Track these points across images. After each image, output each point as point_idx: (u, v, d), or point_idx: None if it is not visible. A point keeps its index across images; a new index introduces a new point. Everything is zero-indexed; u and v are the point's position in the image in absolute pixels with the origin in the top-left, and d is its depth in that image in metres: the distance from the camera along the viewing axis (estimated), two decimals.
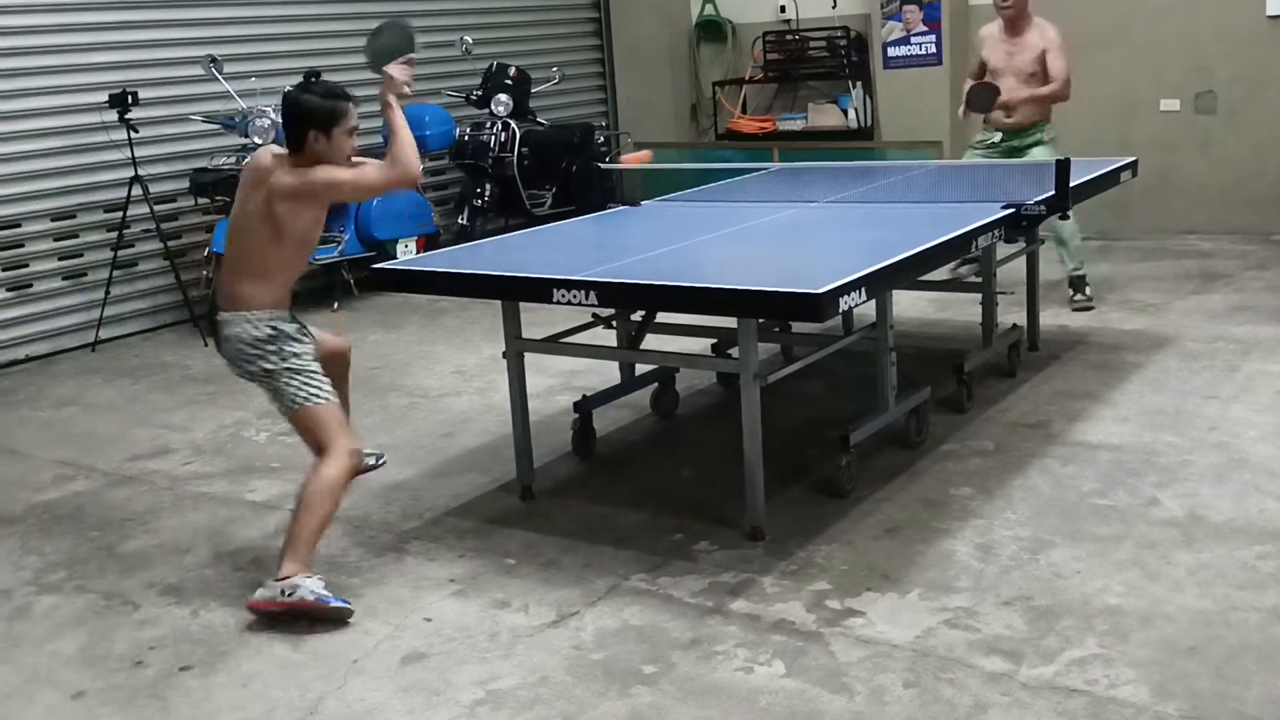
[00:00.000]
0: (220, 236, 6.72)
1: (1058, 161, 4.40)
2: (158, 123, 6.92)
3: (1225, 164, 7.57)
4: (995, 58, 6.03)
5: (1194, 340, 5.38)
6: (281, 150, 3.56)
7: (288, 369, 3.46)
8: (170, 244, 6.84)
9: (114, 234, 6.67)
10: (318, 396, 3.45)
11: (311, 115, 3.45)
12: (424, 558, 3.64)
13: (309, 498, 3.35)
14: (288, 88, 3.73)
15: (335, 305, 7.24)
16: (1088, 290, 6.12)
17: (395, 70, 3.65)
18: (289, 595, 3.24)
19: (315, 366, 3.50)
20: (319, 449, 3.43)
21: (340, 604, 3.27)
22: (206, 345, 6.52)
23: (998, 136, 6.10)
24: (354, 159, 3.58)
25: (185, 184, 6.95)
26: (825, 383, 4.89)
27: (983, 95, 5.86)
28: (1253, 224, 7.44)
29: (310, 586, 3.25)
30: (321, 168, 3.44)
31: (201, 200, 6.99)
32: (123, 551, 3.89)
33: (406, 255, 7.28)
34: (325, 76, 7.52)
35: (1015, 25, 5.99)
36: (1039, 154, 5.94)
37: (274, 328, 3.46)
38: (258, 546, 3.85)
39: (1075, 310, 6.04)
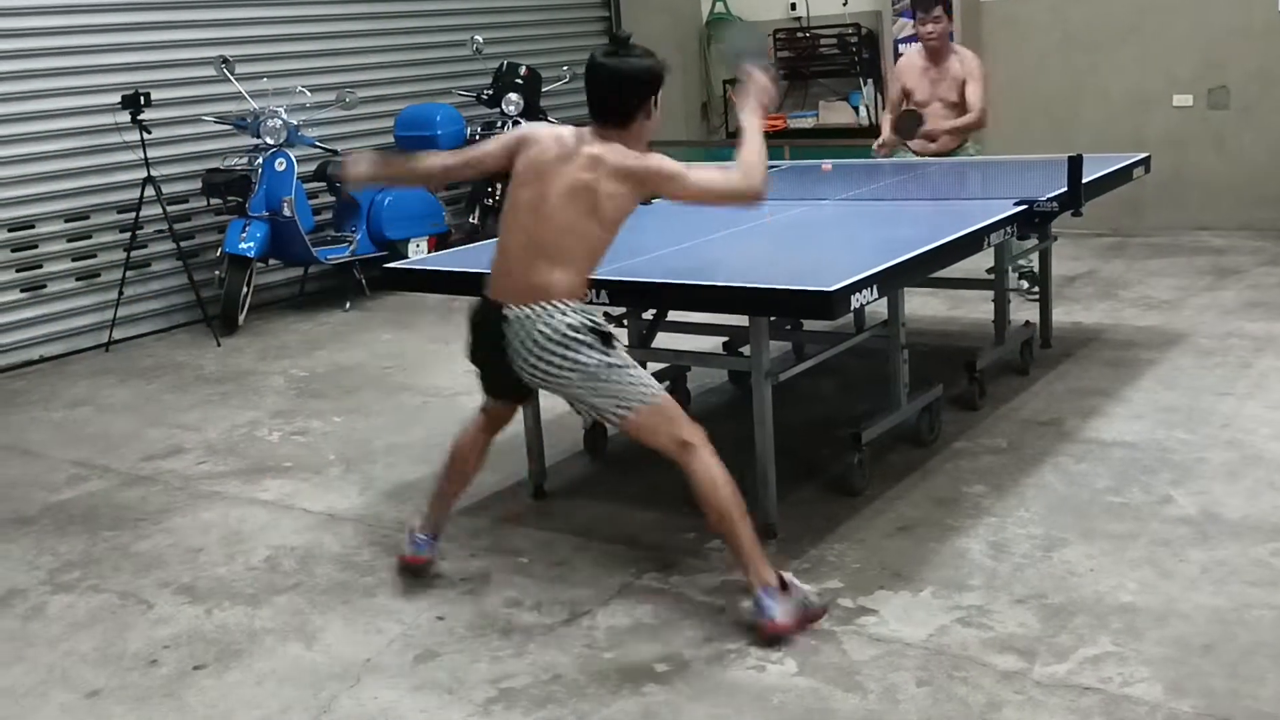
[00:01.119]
0: (233, 236, 6.75)
1: (1070, 158, 4.38)
2: (170, 123, 6.95)
3: (1239, 160, 7.53)
4: (920, 88, 6.01)
5: (1207, 337, 5.36)
6: (564, 129, 3.14)
7: (611, 364, 3.04)
8: (183, 244, 6.87)
9: (127, 234, 6.70)
10: (652, 392, 3.07)
11: (649, 79, 3.02)
12: (436, 556, 3.64)
13: (713, 510, 3.03)
14: (593, 55, 3.13)
15: (347, 305, 7.26)
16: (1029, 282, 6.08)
17: (760, 74, 3.20)
18: (807, 603, 3.01)
19: (633, 361, 3.11)
20: (671, 449, 3.06)
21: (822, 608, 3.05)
22: (219, 345, 6.54)
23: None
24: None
25: (198, 185, 6.97)
26: (837, 381, 4.88)
27: (908, 122, 5.92)
28: (1267, 220, 7.41)
29: (805, 592, 3.03)
30: (657, 155, 3.03)
31: (214, 201, 7.02)
32: (137, 551, 3.90)
33: (418, 255, 7.30)
34: (343, 79, 7.62)
35: (937, 55, 5.97)
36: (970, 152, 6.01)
37: (591, 318, 3.07)
38: (271, 546, 3.86)
39: (1030, 298, 5.91)
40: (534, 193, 3.10)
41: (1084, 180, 4.38)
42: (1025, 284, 6.11)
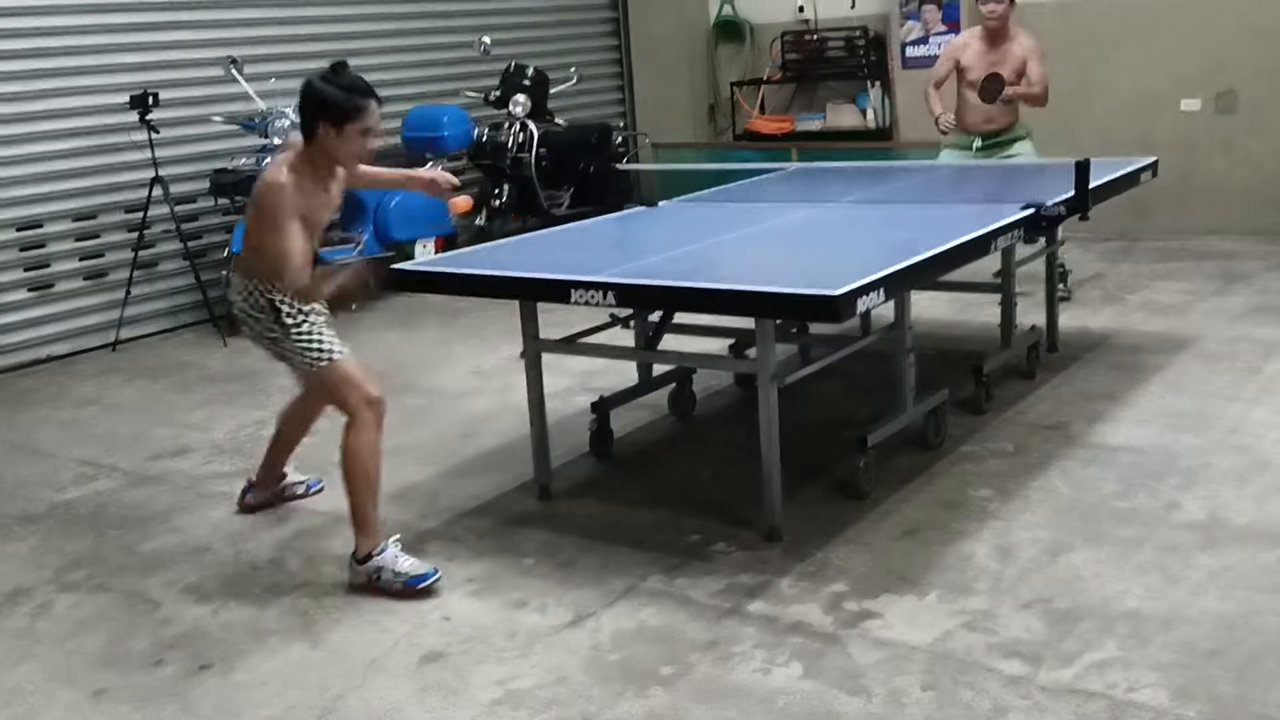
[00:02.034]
0: (240, 237, 6.75)
1: (1077, 163, 4.38)
2: (178, 124, 6.96)
3: (1247, 164, 7.52)
4: (977, 67, 6.04)
5: (1215, 342, 5.35)
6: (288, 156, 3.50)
7: (289, 330, 3.54)
8: (190, 244, 6.88)
9: (134, 234, 6.70)
10: (328, 356, 3.55)
11: (325, 106, 3.37)
12: (442, 557, 3.65)
13: (347, 473, 3.51)
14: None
15: (354, 305, 7.26)
16: (1069, 281, 6.24)
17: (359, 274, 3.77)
18: (376, 580, 3.43)
19: (315, 329, 3.58)
20: (340, 408, 3.57)
21: (425, 582, 3.42)
22: (226, 345, 6.55)
23: (978, 141, 6.12)
24: (364, 165, 3.70)
25: (205, 185, 6.98)
26: (843, 384, 4.88)
27: (993, 85, 5.91)
28: (1275, 224, 7.39)
29: (392, 569, 3.43)
30: (261, 199, 3.45)
31: (221, 201, 7.02)
32: (143, 550, 3.91)
33: (425, 255, 7.30)
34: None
35: (997, 36, 6.03)
36: (1023, 148, 6.07)
37: (267, 297, 3.54)
38: (278, 545, 3.86)
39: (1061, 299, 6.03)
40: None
41: (1091, 185, 4.38)
42: (1061, 286, 6.09)
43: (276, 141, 6.87)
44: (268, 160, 6.92)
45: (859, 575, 3.35)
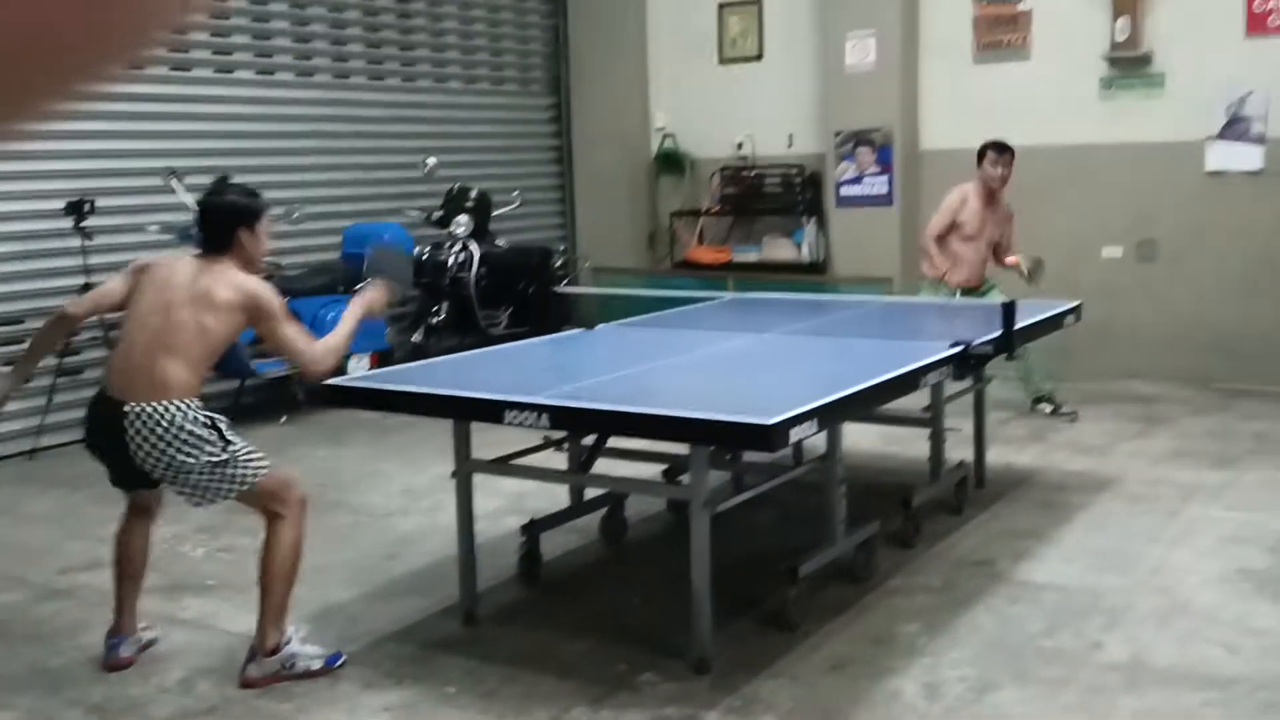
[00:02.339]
0: None
1: (1003, 304, 4.50)
2: (113, 231, 6.91)
3: (1167, 311, 7.78)
4: (973, 222, 6.62)
5: (1137, 483, 5.45)
6: (184, 258, 3.64)
7: (232, 452, 3.43)
8: None
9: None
10: (263, 468, 3.49)
11: (239, 212, 3.58)
12: (360, 684, 3.54)
13: (275, 570, 3.52)
14: (199, 196, 3.87)
15: (283, 419, 7.17)
16: (1055, 399, 6.76)
17: (385, 292, 3.88)
18: (290, 668, 3.51)
19: (241, 441, 3.52)
20: (267, 515, 3.55)
21: (338, 661, 3.60)
22: None
23: (957, 294, 6.59)
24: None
25: None
26: (775, 513, 4.88)
27: (1040, 268, 6.72)
28: (1194, 370, 7.62)
29: (306, 654, 3.54)
30: (267, 293, 3.50)
31: None
32: (49, 667, 3.75)
33: (358, 371, 7.24)
34: (293, 194, 7.66)
35: (993, 196, 6.64)
36: (994, 296, 6.41)
37: (207, 414, 3.46)
38: (188, 667, 3.72)
39: (1062, 416, 6.69)
40: (162, 300, 3.50)
41: (1016, 326, 4.49)
42: (1048, 407, 6.72)
43: None
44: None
45: (786, 711, 3.30)
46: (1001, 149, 6.59)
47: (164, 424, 3.36)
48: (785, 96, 8.98)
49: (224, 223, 3.56)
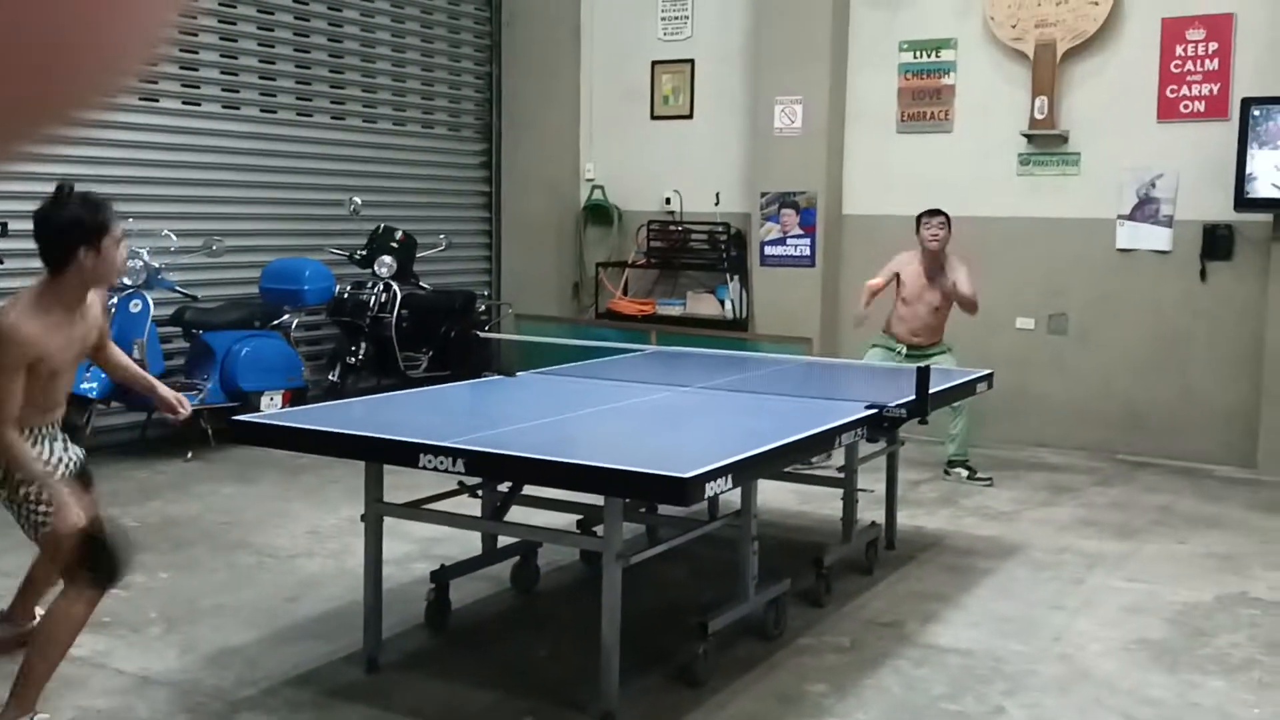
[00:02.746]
0: (77, 375, 6.49)
1: (918, 369, 4.58)
2: (25, 255, 6.70)
3: (1076, 382, 7.97)
4: (911, 285, 6.86)
5: (1042, 550, 5.54)
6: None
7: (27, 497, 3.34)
8: None
9: None
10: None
11: (81, 227, 3.20)
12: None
13: (50, 637, 3.30)
14: (38, 205, 3.36)
15: (189, 455, 6.99)
16: (970, 466, 6.90)
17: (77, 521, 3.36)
18: None
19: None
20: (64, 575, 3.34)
21: None
22: None
23: (903, 349, 6.80)
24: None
25: None
26: (687, 566, 4.87)
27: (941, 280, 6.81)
28: (1101, 441, 7.80)
29: None
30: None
31: None
32: None
33: (271, 408, 7.11)
34: (214, 226, 7.53)
35: (935, 258, 6.85)
36: (945, 360, 6.66)
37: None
38: (76, 707, 3.58)
39: (979, 481, 6.81)
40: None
41: (931, 391, 4.57)
42: (964, 473, 6.85)
43: (125, 282, 6.71)
44: (113, 300, 6.77)
45: None
46: (932, 213, 6.88)
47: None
48: (714, 155, 9.10)
49: (58, 241, 3.20)
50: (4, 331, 3.18)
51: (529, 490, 4.21)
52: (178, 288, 7.13)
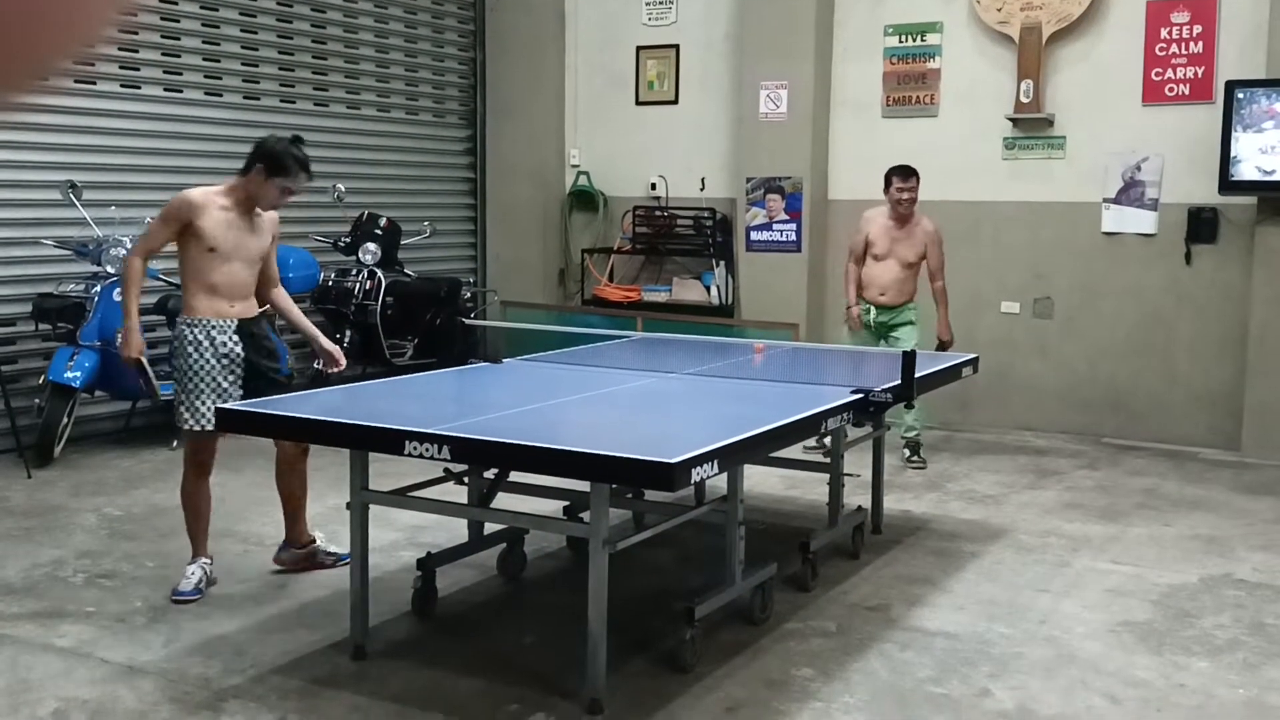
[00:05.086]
0: (59, 364, 6.46)
1: (904, 353, 4.58)
2: (6, 244, 6.69)
3: (1061, 367, 8.00)
4: (881, 242, 6.83)
5: (1028, 534, 5.56)
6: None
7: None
8: (4, 369, 6.52)
9: None
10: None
11: (268, 154, 4.25)
12: (242, 718, 3.43)
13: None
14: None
15: (175, 443, 6.96)
16: (921, 453, 6.87)
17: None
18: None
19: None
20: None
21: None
22: (30, 477, 6.17)
23: (872, 311, 6.85)
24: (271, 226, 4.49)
25: (28, 308, 6.68)
26: (674, 552, 4.87)
27: (942, 347, 6.80)
28: (1085, 425, 7.83)
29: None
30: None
31: (43, 326, 6.72)
32: None
33: None
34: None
35: (905, 218, 6.80)
36: (907, 334, 6.69)
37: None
38: (61, 697, 3.57)
39: (913, 464, 6.82)
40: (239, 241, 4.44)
41: (916, 375, 4.57)
42: (908, 452, 6.84)
43: (109, 270, 6.67)
44: (96, 288, 6.74)
45: None
46: (903, 173, 6.76)
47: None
48: (699, 141, 9.08)
49: (253, 153, 4.29)
50: (182, 191, 4.30)
51: (515, 477, 4.21)
52: (161, 276, 7.08)
